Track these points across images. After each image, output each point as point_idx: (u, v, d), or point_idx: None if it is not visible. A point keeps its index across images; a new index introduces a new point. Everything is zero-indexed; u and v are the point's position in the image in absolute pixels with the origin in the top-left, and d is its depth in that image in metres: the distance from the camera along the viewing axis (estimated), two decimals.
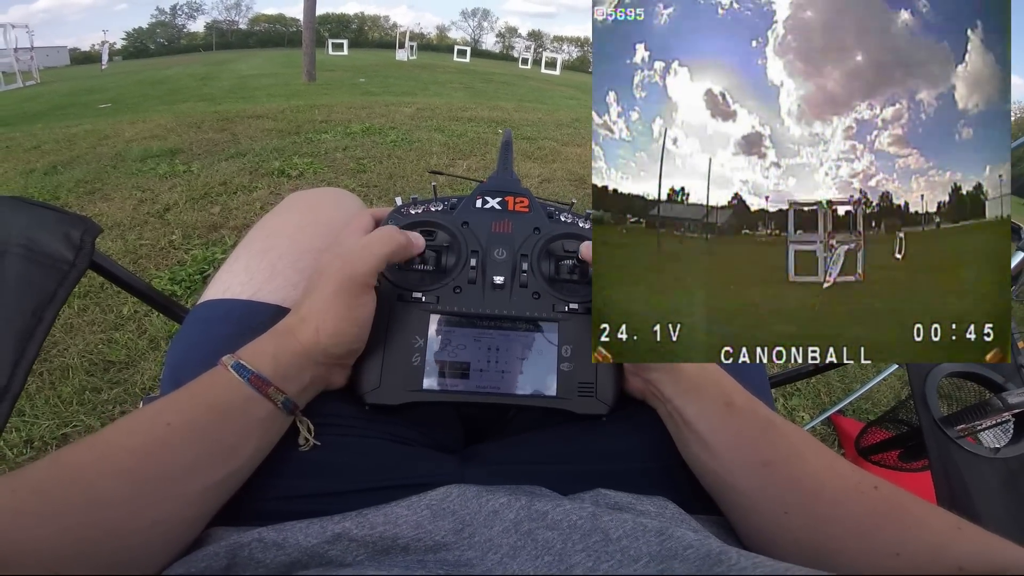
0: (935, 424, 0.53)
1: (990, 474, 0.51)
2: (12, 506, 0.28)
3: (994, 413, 0.51)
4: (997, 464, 0.51)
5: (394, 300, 0.44)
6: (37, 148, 3.93)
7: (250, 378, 0.36)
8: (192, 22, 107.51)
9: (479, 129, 4.81)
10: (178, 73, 14.79)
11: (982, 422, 0.52)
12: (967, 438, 0.53)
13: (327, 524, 0.33)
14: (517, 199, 0.50)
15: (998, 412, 0.51)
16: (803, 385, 1.76)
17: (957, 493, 0.49)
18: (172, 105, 7.02)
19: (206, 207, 2.69)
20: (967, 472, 0.50)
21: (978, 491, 0.49)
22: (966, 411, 0.53)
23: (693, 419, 0.39)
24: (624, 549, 0.30)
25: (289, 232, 0.55)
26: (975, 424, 0.52)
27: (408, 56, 21.23)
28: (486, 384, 0.43)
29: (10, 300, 0.55)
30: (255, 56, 29.93)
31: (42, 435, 1.31)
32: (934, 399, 0.55)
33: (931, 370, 0.56)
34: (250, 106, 5.78)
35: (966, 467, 0.50)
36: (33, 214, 0.61)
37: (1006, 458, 0.51)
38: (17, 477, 0.30)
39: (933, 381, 0.56)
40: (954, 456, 0.51)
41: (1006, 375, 0.56)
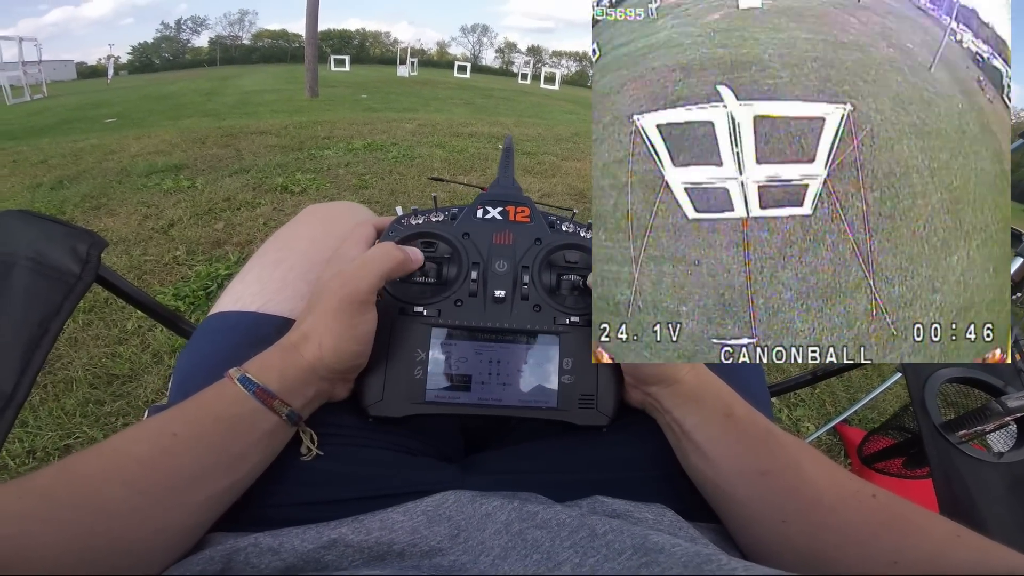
0: (935, 430, 0.53)
1: (994, 479, 0.50)
2: (18, 511, 0.28)
3: (994, 418, 0.51)
4: (1002, 469, 0.51)
5: (396, 314, 0.45)
6: (44, 162, 3.97)
7: (256, 391, 0.36)
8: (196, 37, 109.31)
9: (479, 144, 4.84)
10: (183, 88, 14.97)
11: (983, 427, 0.52)
12: (970, 443, 0.53)
13: (323, 530, 0.34)
14: (518, 209, 0.50)
15: (998, 416, 0.51)
16: (807, 395, 1.75)
17: (960, 499, 0.49)
18: (177, 120, 7.10)
19: (210, 223, 2.71)
20: (970, 478, 0.50)
21: (982, 497, 0.48)
22: (966, 416, 0.53)
23: (692, 429, 0.39)
24: (609, 544, 0.30)
25: (302, 245, 0.56)
26: (976, 429, 0.52)
27: (409, 72, 21.49)
28: (487, 396, 0.43)
29: (17, 311, 0.56)
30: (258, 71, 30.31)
31: (45, 446, 1.32)
32: (933, 405, 0.55)
33: (929, 376, 0.56)
34: (254, 122, 5.84)
35: (969, 473, 0.50)
36: (42, 227, 0.61)
37: (1010, 463, 0.51)
38: (24, 483, 0.30)
39: (932, 387, 0.56)
40: (956, 462, 0.51)
41: (1006, 379, 0.56)
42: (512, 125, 6.44)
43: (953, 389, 0.59)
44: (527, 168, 4.12)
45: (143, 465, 0.32)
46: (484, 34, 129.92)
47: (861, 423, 1.66)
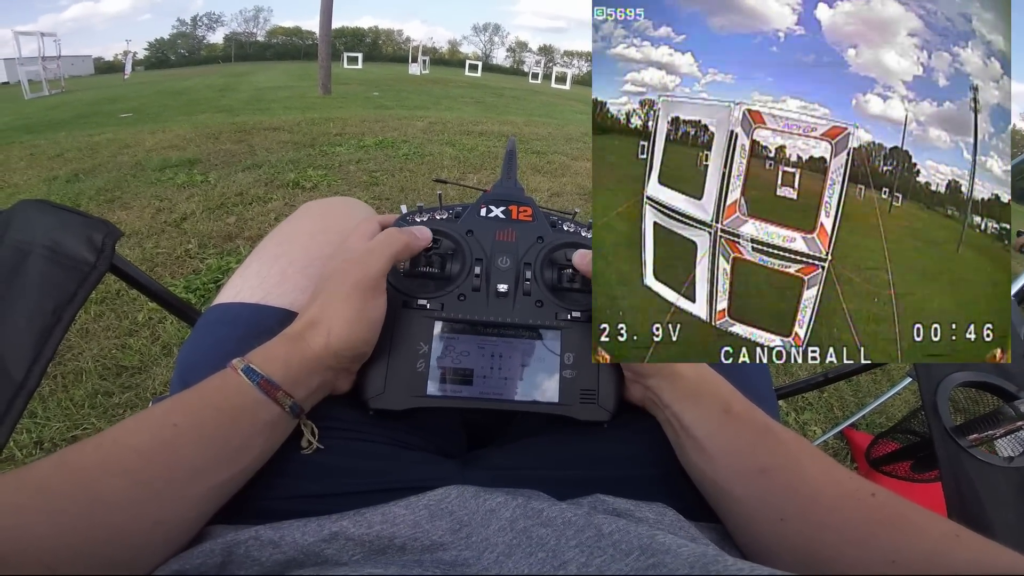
0: (946, 434, 0.53)
1: (1003, 484, 0.50)
2: (15, 502, 0.28)
3: (1006, 422, 0.51)
4: (1011, 473, 0.50)
5: (399, 307, 0.45)
6: (60, 156, 4.03)
7: (260, 382, 0.36)
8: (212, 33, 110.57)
9: (489, 143, 4.85)
10: (197, 84, 15.14)
11: (995, 431, 0.51)
12: (981, 448, 0.52)
13: (324, 523, 0.33)
14: (520, 208, 0.51)
15: (1010, 421, 0.51)
16: (815, 400, 1.74)
17: (968, 503, 0.48)
18: (191, 116, 7.17)
19: (222, 217, 2.74)
20: (979, 482, 0.49)
21: (990, 501, 0.48)
22: (978, 420, 0.52)
23: (691, 425, 0.39)
24: (616, 544, 0.30)
25: (301, 239, 0.56)
26: (987, 434, 0.51)
27: (421, 70, 21.54)
28: (489, 390, 0.43)
29: (32, 298, 0.57)
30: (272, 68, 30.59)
31: (52, 437, 1.33)
32: (945, 409, 0.54)
33: (942, 380, 0.56)
34: (267, 118, 5.90)
35: (978, 477, 0.50)
36: (59, 217, 0.63)
37: (1020, 468, 0.51)
38: (22, 474, 0.30)
39: (944, 391, 0.55)
40: (965, 466, 0.51)
41: (1019, 383, 0.56)
42: (522, 124, 6.45)
43: (965, 393, 0.59)
44: (537, 168, 4.12)
45: (142, 456, 0.32)
46: (496, 33, 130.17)
47: (869, 428, 1.65)
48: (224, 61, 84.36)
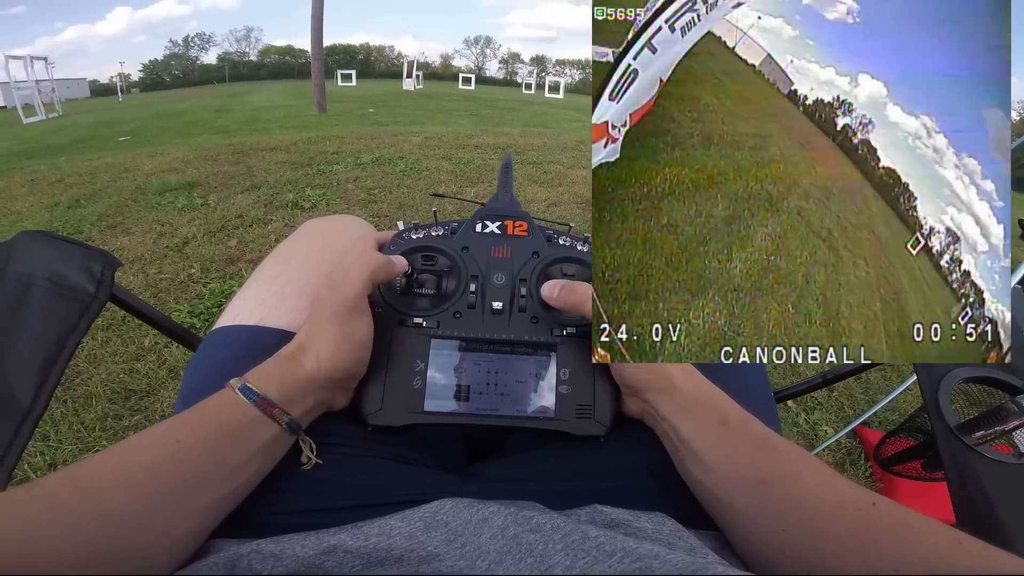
0: (950, 432, 0.52)
1: (1014, 481, 0.49)
2: (24, 515, 0.29)
3: (1011, 418, 0.50)
4: (1021, 470, 0.50)
5: (395, 325, 0.46)
6: (61, 181, 4.05)
7: (256, 400, 0.37)
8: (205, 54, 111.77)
9: (485, 156, 4.88)
10: (193, 105, 15.20)
11: (1000, 427, 0.51)
12: (988, 445, 0.52)
13: (323, 536, 0.34)
14: (516, 223, 0.51)
15: (1015, 417, 0.50)
16: (825, 399, 1.73)
17: (976, 501, 0.48)
18: (188, 138, 7.20)
19: (223, 240, 2.75)
20: (987, 479, 0.49)
21: (1000, 498, 0.47)
22: (981, 417, 0.52)
23: (688, 437, 0.40)
24: (600, 546, 0.31)
25: (299, 259, 0.57)
26: (993, 431, 0.51)
27: (415, 85, 21.70)
28: (485, 406, 0.44)
29: (35, 329, 0.57)
30: (267, 88, 30.79)
31: (65, 459, 1.34)
32: (947, 406, 0.54)
33: (943, 376, 0.56)
34: (264, 138, 5.93)
35: (986, 474, 0.49)
36: (58, 248, 0.63)
37: None
38: (32, 488, 0.31)
39: (946, 387, 0.55)
40: (972, 464, 0.50)
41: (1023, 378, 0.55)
42: (517, 135, 6.48)
43: (969, 389, 0.58)
44: (533, 178, 4.14)
45: (147, 471, 0.33)
46: (487, 45, 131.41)
47: (881, 425, 1.64)
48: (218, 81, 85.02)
